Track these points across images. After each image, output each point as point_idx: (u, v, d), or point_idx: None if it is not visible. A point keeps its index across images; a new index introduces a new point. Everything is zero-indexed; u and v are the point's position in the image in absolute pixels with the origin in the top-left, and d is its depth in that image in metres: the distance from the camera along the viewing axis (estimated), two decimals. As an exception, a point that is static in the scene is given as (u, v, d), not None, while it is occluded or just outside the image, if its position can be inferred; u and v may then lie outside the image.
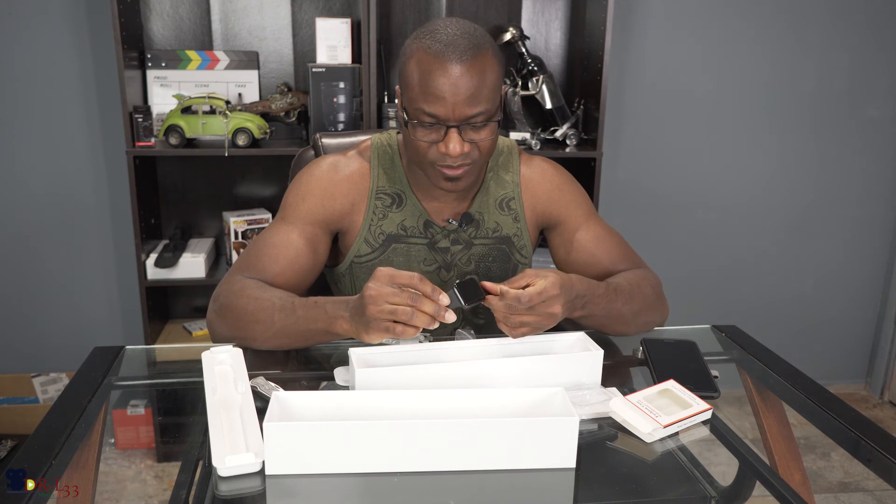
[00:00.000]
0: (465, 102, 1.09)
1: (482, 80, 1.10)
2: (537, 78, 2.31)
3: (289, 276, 1.21)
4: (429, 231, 1.29)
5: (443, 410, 0.90)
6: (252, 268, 1.21)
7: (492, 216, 1.32)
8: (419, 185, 1.29)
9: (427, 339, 1.14)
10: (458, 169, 1.16)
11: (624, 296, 1.19)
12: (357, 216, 1.28)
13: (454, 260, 1.31)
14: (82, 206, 2.43)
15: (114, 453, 1.15)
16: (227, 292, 1.17)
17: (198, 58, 2.28)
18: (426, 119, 1.11)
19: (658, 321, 1.28)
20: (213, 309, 1.19)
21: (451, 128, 1.11)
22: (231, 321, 1.15)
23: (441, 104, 1.09)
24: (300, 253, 1.22)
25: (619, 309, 1.18)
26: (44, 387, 2.47)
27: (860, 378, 2.97)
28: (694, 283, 2.76)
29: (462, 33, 1.10)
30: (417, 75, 1.10)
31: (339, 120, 2.24)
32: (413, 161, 1.22)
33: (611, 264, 1.31)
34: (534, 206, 1.34)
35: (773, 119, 2.64)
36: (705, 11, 2.50)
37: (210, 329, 1.20)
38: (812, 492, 0.91)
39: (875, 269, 2.85)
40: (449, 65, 1.08)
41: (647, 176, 2.64)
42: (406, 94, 1.14)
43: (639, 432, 0.93)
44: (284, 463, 0.82)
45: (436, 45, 1.09)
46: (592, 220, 1.34)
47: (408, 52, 1.13)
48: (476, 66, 1.09)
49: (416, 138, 1.14)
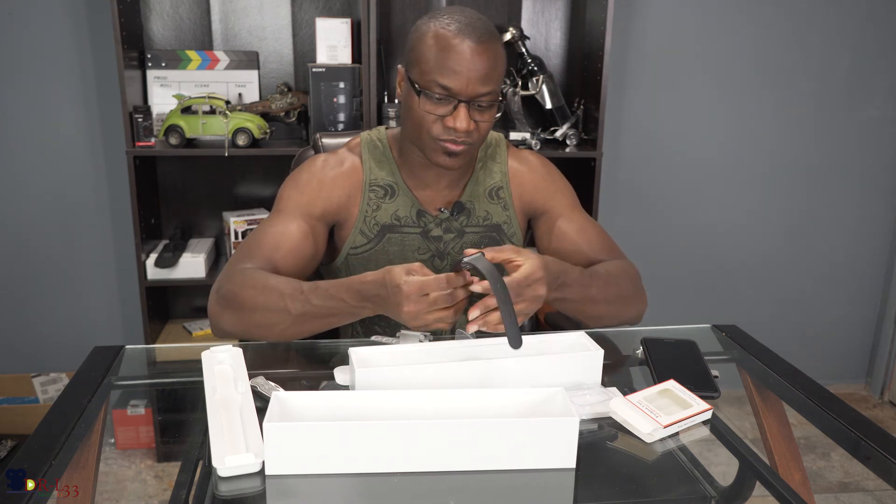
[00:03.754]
0: (478, 80, 1.15)
1: (495, 62, 1.17)
2: (537, 78, 2.31)
3: (290, 263, 1.22)
4: (422, 220, 1.32)
5: (443, 410, 0.90)
6: (253, 258, 1.21)
7: (482, 205, 1.35)
8: (411, 175, 1.32)
9: (427, 338, 1.14)
10: (460, 145, 1.20)
11: (600, 282, 1.22)
12: (352, 208, 1.31)
13: (447, 248, 1.34)
14: (82, 206, 2.43)
15: (114, 453, 1.15)
16: (229, 283, 1.17)
17: (198, 58, 2.28)
18: (438, 91, 1.16)
19: (635, 313, 1.30)
20: (215, 302, 1.18)
21: (461, 102, 1.15)
22: (239, 315, 1.14)
23: (456, 78, 1.14)
24: (300, 242, 1.24)
25: (593, 295, 1.21)
26: (44, 387, 2.47)
27: (860, 378, 2.97)
28: (694, 283, 2.76)
29: (478, 19, 1.18)
30: (435, 49, 1.15)
31: (339, 120, 2.24)
32: (413, 139, 1.24)
33: (592, 253, 1.34)
34: (521, 196, 1.38)
35: (773, 119, 2.64)
36: (705, 11, 2.50)
37: (214, 322, 1.18)
38: (812, 492, 0.91)
39: (875, 269, 2.85)
40: (468, 42, 1.14)
41: (647, 176, 2.64)
42: (418, 66, 1.18)
43: (639, 432, 0.93)
44: (284, 463, 0.82)
45: (455, 24, 1.16)
46: (576, 210, 1.39)
47: (423, 29, 1.19)
48: (491, 49, 1.16)
49: (424, 110, 1.18)
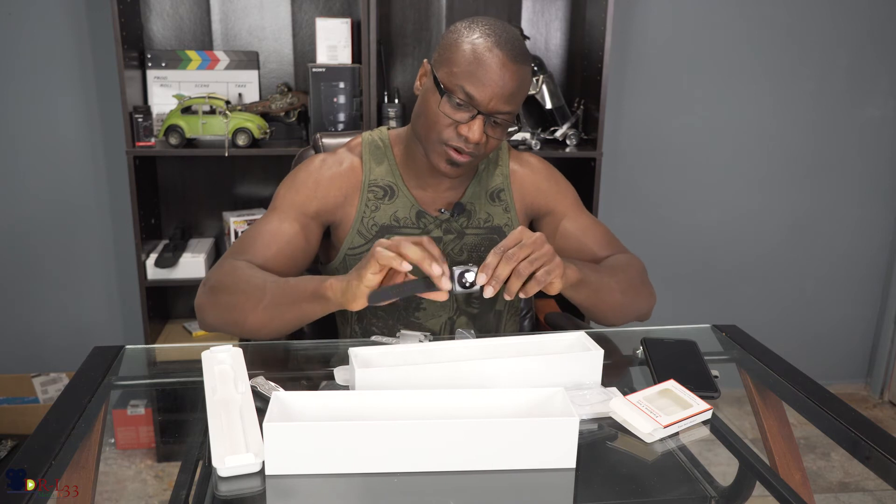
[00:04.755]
0: (502, 97, 1.15)
1: (522, 85, 1.17)
2: (537, 78, 2.31)
3: (281, 261, 1.23)
4: (421, 221, 1.31)
5: (443, 410, 0.90)
6: (244, 253, 1.22)
7: (483, 207, 1.35)
8: (412, 176, 1.31)
9: (427, 338, 1.14)
10: (465, 156, 1.19)
11: (611, 271, 1.24)
12: (350, 209, 1.30)
13: (446, 250, 1.33)
14: (82, 206, 2.43)
15: (114, 453, 1.15)
16: (218, 274, 1.18)
17: (198, 58, 2.28)
18: (461, 97, 1.15)
19: (646, 306, 1.31)
20: (202, 293, 1.19)
21: (480, 114, 1.15)
22: (222, 301, 1.15)
23: (483, 90, 1.14)
24: (292, 240, 1.24)
25: (608, 283, 1.22)
26: (44, 387, 2.47)
27: (860, 378, 2.97)
28: (694, 283, 2.76)
29: (516, 38, 1.17)
30: (470, 56, 1.14)
31: (339, 120, 2.24)
32: (421, 135, 1.22)
33: (599, 252, 1.35)
34: (523, 198, 1.38)
35: (773, 119, 2.64)
36: (705, 11, 2.50)
37: (199, 314, 1.19)
38: (812, 492, 0.92)
39: (875, 269, 2.85)
40: (503, 58, 1.13)
41: (646, 176, 2.64)
42: (448, 67, 1.16)
43: (639, 432, 0.93)
44: (284, 463, 0.82)
45: (494, 36, 1.15)
46: (579, 210, 1.39)
47: (462, 34, 1.17)
48: (521, 71, 1.16)
49: (441, 111, 1.17)
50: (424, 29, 2.40)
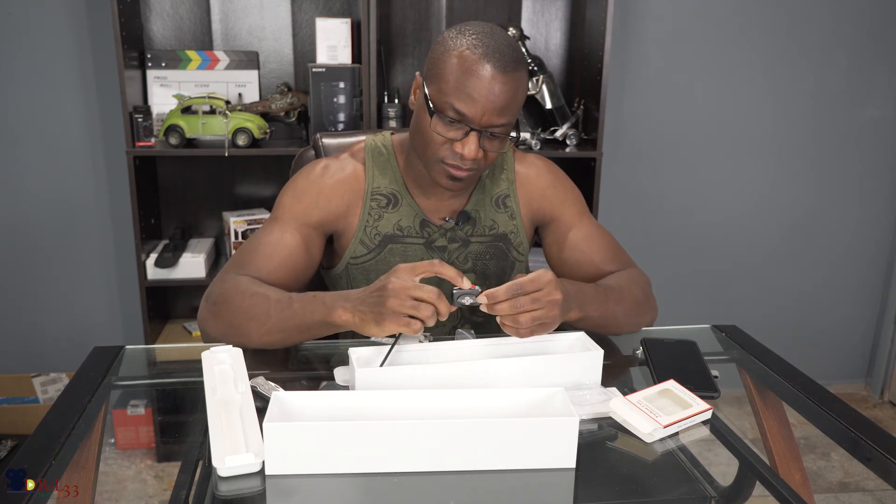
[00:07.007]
0: (495, 110, 1.10)
1: (516, 94, 1.12)
2: (537, 78, 2.31)
3: (282, 274, 1.21)
4: (425, 230, 1.29)
5: (443, 410, 0.90)
6: (245, 266, 1.20)
7: (488, 214, 1.32)
8: (415, 184, 1.29)
9: (427, 339, 1.13)
10: (464, 172, 1.16)
11: (615, 296, 1.20)
12: (352, 218, 1.28)
13: (451, 258, 1.30)
14: (82, 206, 2.43)
15: (114, 453, 1.14)
16: (220, 290, 1.16)
17: (198, 58, 2.28)
18: (452, 115, 1.11)
19: (648, 320, 1.28)
20: (205, 308, 1.18)
21: (473, 130, 1.12)
22: (225, 319, 1.13)
23: (473, 106, 1.10)
24: (294, 252, 1.22)
25: (612, 310, 1.19)
26: (44, 387, 2.47)
27: (860, 378, 2.97)
28: (694, 283, 2.76)
29: (507, 44, 1.12)
30: (458, 71, 1.10)
31: (339, 120, 2.24)
32: (418, 152, 1.21)
33: (602, 263, 1.31)
34: (529, 203, 1.35)
35: (773, 119, 2.64)
36: (705, 12, 2.50)
37: (202, 328, 1.18)
38: (812, 492, 0.91)
39: (875, 269, 2.85)
40: (492, 70, 1.09)
41: (647, 176, 2.64)
42: (437, 84, 1.13)
43: (639, 432, 0.93)
44: (284, 463, 0.82)
45: (482, 47, 1.09)
46: (585, 218, 1.35)
47: (449, 45, 1.12)
48: (514, 80, 1.11)
49: (434, 131, 1.14)
50: (424, 29, 2.40)
